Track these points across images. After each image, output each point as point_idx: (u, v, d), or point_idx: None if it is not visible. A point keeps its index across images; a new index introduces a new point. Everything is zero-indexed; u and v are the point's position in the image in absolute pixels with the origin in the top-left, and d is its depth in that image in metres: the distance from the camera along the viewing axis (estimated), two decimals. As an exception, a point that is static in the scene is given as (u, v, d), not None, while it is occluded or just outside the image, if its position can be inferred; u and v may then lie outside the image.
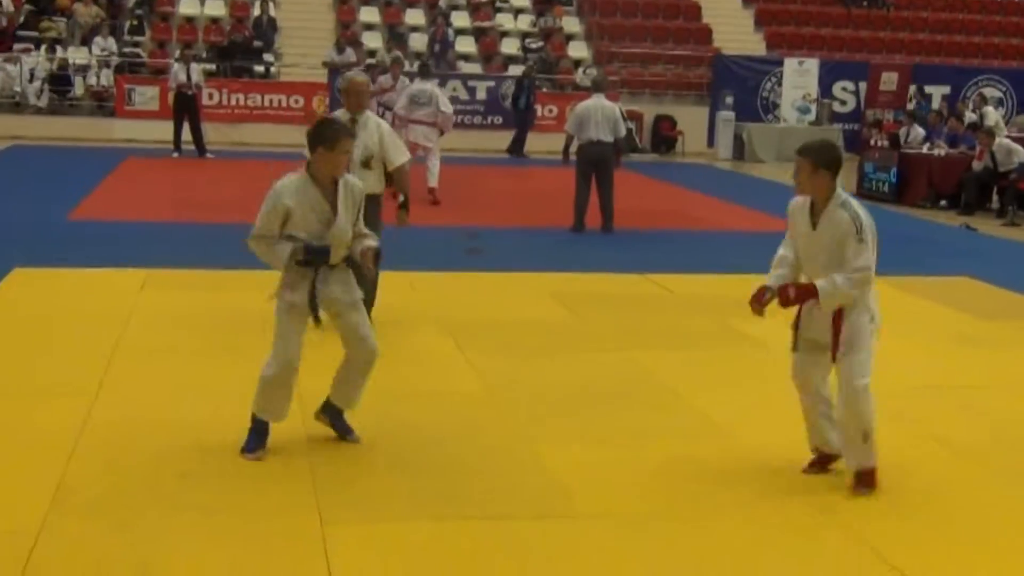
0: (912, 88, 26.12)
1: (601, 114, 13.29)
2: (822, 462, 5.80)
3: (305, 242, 5.56)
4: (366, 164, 7.96)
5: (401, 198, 8.18)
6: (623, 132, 13.88)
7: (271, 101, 25.61)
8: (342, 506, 5.19)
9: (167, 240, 11.87)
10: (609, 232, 13.32)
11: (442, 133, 15.79)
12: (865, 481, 5.55)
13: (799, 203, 5.61)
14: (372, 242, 5.83)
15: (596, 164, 13.33)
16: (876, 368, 7.90)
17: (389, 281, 9.96)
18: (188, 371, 7.19)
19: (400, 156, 8.16)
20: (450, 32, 27.94)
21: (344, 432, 6.02)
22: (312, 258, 5.57)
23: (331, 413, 6.03)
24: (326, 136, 5.58)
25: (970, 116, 22.10)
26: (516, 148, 23.69)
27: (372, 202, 7.90)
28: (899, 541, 5.04)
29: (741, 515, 5.28)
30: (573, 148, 13.67)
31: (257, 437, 5.79)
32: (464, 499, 5.33)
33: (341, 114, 8.12)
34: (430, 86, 15.94)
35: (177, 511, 5.05)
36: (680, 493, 5.54)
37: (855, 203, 5.47)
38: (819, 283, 5.39)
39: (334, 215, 5.59)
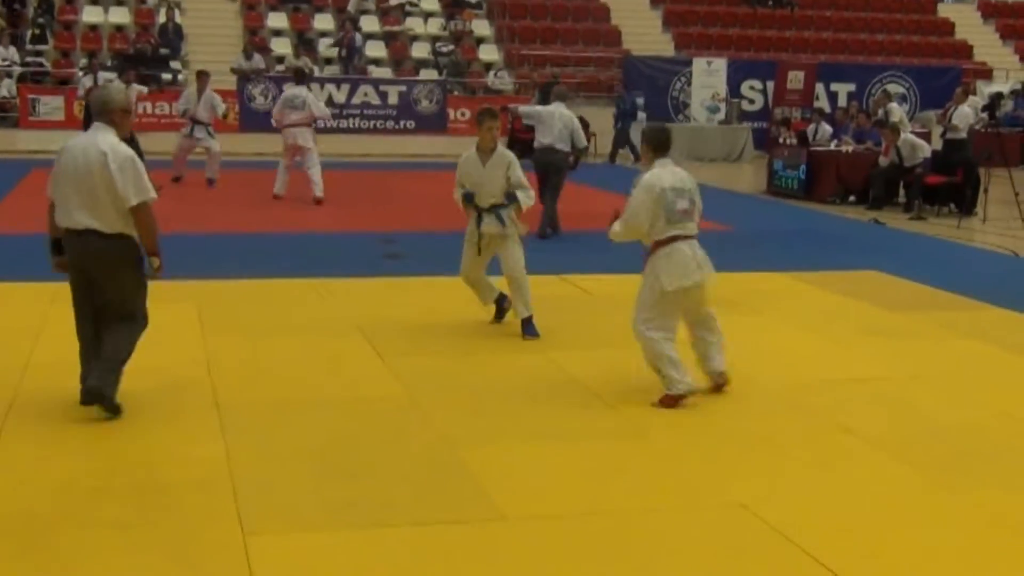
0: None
1: (560, 121, 13.47)
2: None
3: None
4: None
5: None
6: (583, 142, 14.09)
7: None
8: (264, 516, 5.13)
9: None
10: (544, 237, 13.15)
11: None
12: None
13: None
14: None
15: (547, 169, 13.51)
16: (786, 361, 8.07)
17: (306, 288, 9.93)
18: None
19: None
20: (358, 37, 27.80)
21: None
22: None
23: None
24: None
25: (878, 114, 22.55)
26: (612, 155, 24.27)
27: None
28: (815, 531, 5.13)
29: (664, 510, 5.35)
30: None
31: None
32: (388, 506, 5.30)
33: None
34: (303, 91, 16.33)
35: (90, 528, 4.95)
36: (603, 491, 5.58)
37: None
38: None
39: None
